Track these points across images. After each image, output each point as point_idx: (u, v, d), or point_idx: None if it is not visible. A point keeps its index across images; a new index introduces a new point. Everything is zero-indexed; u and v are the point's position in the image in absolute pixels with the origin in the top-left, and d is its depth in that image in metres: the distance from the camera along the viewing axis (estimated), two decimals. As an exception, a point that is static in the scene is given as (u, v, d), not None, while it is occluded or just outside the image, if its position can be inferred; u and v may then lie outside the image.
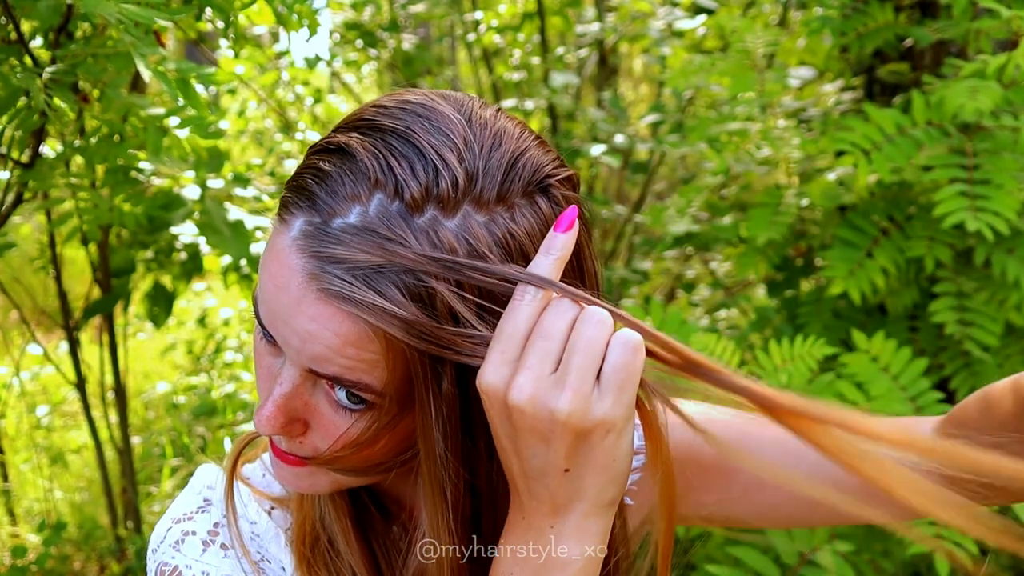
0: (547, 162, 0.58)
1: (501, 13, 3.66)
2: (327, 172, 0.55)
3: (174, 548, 0.69)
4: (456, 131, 0.56)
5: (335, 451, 0.60)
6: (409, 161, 0.54)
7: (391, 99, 0.59)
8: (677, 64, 2.82)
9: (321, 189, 0.54)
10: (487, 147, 0.56)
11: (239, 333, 3.91)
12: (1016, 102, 1.48)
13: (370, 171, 0.54)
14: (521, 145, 0.57)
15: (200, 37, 2.06)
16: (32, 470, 3.13)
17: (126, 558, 2.41)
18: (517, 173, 0.56)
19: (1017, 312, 1.52)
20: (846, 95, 2.15)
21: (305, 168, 0.57)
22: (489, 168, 0.55)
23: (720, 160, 1.91)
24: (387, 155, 0.54)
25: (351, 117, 0.59)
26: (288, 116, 3.50)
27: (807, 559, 1.29)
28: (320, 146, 0.58)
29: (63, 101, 1.23)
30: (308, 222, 0.54)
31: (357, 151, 0.55)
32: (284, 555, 0.71)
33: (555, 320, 0.53)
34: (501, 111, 0.61)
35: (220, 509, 0.72)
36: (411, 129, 0.55)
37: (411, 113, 0.56)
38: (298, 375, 0.58)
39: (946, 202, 1.40)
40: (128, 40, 0.99)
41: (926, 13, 1.83)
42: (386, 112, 0.57)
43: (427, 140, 0.54)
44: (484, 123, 0.57)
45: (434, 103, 0.57)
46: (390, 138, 0.55)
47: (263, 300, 0.57)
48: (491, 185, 0.55)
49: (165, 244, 1.92)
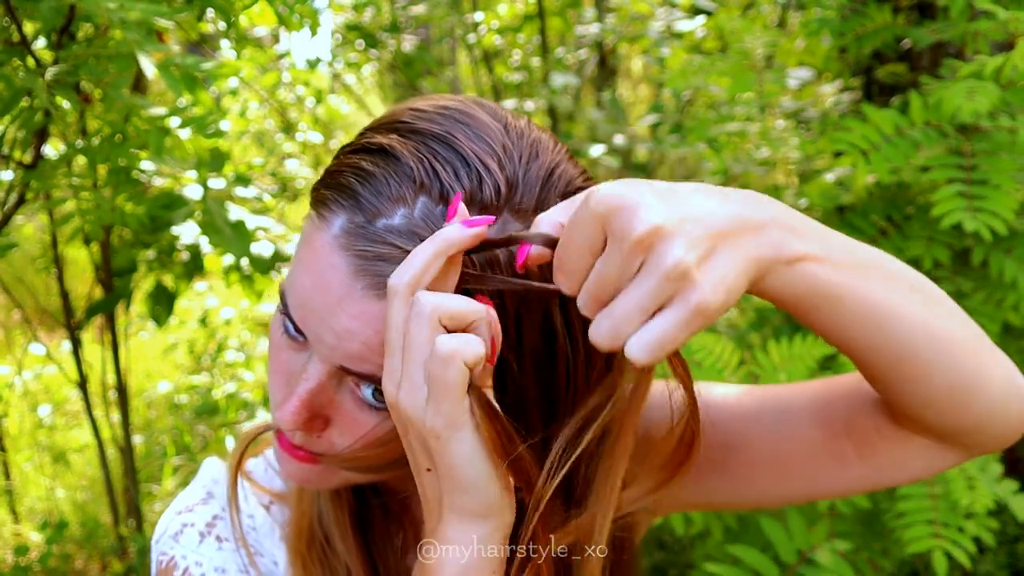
0: (577, 175, 0.59)
1: (501, 14, 3.67)
2: (371, 172, 0.55)
3: (173, 539, 0.70)
4: (495, 139, 0.56)
5: (355, 449, 0.60)
6: (453, 166, 0.54)
7: (427, 103, 0.59)
8: (676, 65, 2.83)
9: (365, 189, 0.55)
10: (525, 157, 0.57)
11: (240, 333, 3.92)
12: (1013, 103, 1.49)
13: (415, 174, 0.54)
14: (555, 158, 0.58)
15: (201, 38, 2.06)
16: (34, 469, 3.14)
17: (128, 557, 2.42)
18: (553, 184, 0.57)
19: (1014, 312, 1.53)
20: (844, 96, 2.15)
21: (345, 166, 0.57)
22: (528, 178, 0.56)
23: (719, 160, 1.92)
24: (431, 159, 0.54)
25: (387, 119, 0.59)
26: (289, 117, 3.51)
27: (806, 557, 1.29)
28: (359, 145, 0.58)
29: (66, 101, 1.24)
30: (350, 220, 0.55)
31: (401, 153, 0.55)
32: (277, 550, 0.72)
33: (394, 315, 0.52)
34: (530, 121, 0.62)
35: (220, 502, 0.73)
36: (453, 134, 0.56)
37: (451, 119, 0.57)
38: (325, 372, 0.58)
39: (944, 202, 1.41)
40: (132, 38, 1.00)
41: (924, 14, 1.84)
42: (425, 116, 0.57)
43: (469, 147, 0.55)
44: (520, 133, 0.58)
45: (472, 109, 0.58)
46: (433, 142, 0.55)
47: (297, 295, 0.57)
48: (530, 195, 0.56)
49: (167, 244, 1.93)
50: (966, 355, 0.59)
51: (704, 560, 1.51)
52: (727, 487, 0.75)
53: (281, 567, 0.72)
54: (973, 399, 0.60)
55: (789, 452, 0.71)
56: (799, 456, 0.71)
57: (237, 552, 0.70)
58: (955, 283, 1.57)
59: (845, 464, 0.70)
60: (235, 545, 0.70)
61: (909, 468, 0.69)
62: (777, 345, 1.43)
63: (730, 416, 0.73)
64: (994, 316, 1.52)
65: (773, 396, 0.73)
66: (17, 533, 2.70)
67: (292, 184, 3.09)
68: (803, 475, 0.71)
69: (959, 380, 0.59)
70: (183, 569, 0.68)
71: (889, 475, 0.69)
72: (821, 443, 0.70)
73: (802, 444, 0.71)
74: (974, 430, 0.63)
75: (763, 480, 0.73)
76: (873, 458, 0.69)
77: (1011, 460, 2.01)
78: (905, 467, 0.69)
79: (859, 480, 0.70)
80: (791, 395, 0.73)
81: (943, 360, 0.58)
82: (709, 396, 0.75)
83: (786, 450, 0.71)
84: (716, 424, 0.73)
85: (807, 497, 0.74)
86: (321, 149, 3.44)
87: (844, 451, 0.70)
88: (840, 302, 0.53)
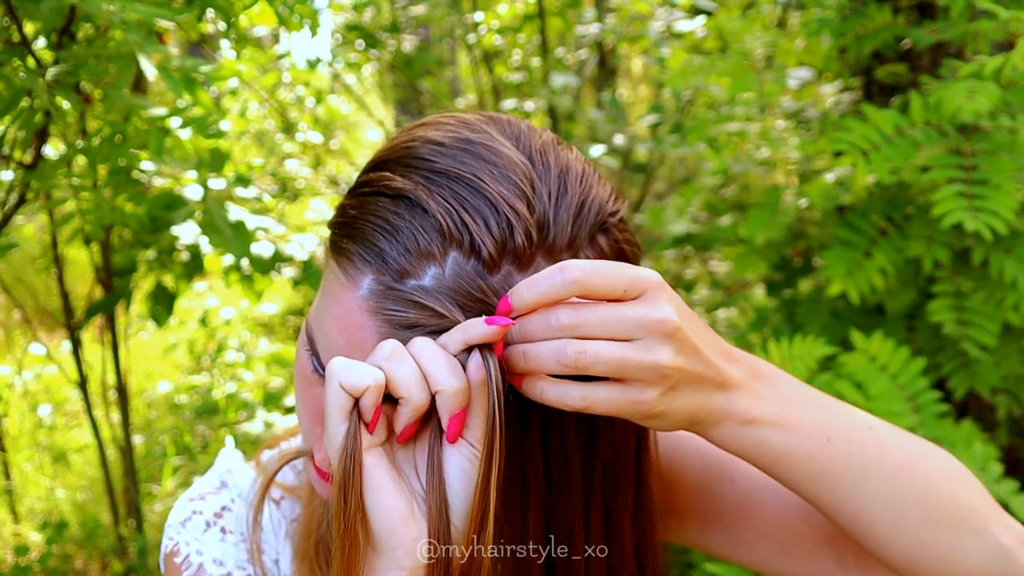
0: (606, 199, 0.59)
1: (501, 14, 3.67)
2: (395, 226, 0.53)
3: (181, 525, 0.72)
4: (523, 176, 0.55)
5: None
6: (483, 216, 0.53)
7: (444, 133, 0.57)
8: (676, 65, 2.83)
9: (391, 246, 0.53)
10: (555, 193, 0.55)
11: (240, 333, 3.92)
12: (1014, 103, 1.49)
13: (443, 227, 0.52)
14: (585, 187, 0.57)
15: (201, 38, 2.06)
16: (34, 469, 3.14)
17: (128, 557, 2.42)
18: (584, 219, 0.56)
19: (1015, 312, 1.53)
20: (845, 96, 2.15)
21: (366, 214, 0.55)
22: (560, 217, 0.55)
23: (719, 161, 1.92)
24: (459, 209, 0.53)
25: (402, 151, 0.57)
26: (289, 117, 3.51)
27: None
28: (377, 188, 0.56)
29: (66, 102, 1.24)
30: (378, 281, 0.53)
31: (427, 204, 0.53)
32: (281, 547, 0.73)
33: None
34: (555, 139, 0.60)
35: (232, 492, 0.74)
36: (479, 177, 0.54)
37: (475, 156, 0.55)
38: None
39: (944, 202, 1.41)
40: (133, 40, 1.00)
41: (924, 14, 1.83)
42: (447, 153, 0.55)
43: (496, 191, 0.53)
44: (547, 163, 0.57)
45: (494, 141, 0.56)
46: (458, 187, 0.54)
47: (328, 348, 0.57)
48: (561, 235, 0.55)
49: (167, 244, 1.93)
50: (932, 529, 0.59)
51: (704, 560, 1.51)
52: (728, 543, 0.75)
53: (282, 565, 0.72)
54: (933, 569, 0.60)
55: (797, 533, 0.71)
56: (805, 541, 0.71)
57: (238, 546, 0.71)
58: (955, 283, 1.57)
59: (843, 567, 0.70)
60: (238, 538, 0.71)
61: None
62: (777, 345, 1.43)
63: (752, 480, 0.73)
64: (994, 316, 1.52)
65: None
66: (17, 533, 2.70)
67: (292, 184, 3.09)
68: (802, 561, 0.72)
69: (916, 552, 0.59)
70: (184, 556, 0.70)
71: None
72: (829, 537, 0.70)
73: (811, 530, 0.71)
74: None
75: (764, 549, 0.73)
76: (869, 574, 0.69)
77: (1011, 460, 2.01)
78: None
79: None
80: None
81: (900, 531, 0.59)
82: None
83: (794, 531, 0.71)
84: (736, 482, 0.74)
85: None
86: (321, 149, 3.44)
87: (847, 555, 0.70)
88: (790, 463, 0.57)
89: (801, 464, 0.57)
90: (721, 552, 0.76)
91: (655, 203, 3.39)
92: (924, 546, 0.59)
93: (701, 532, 0.76)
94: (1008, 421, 2.19)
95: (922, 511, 0.59)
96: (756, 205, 1.81)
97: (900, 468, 0.59)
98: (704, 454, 0.75)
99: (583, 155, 0.62)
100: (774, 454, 0.56)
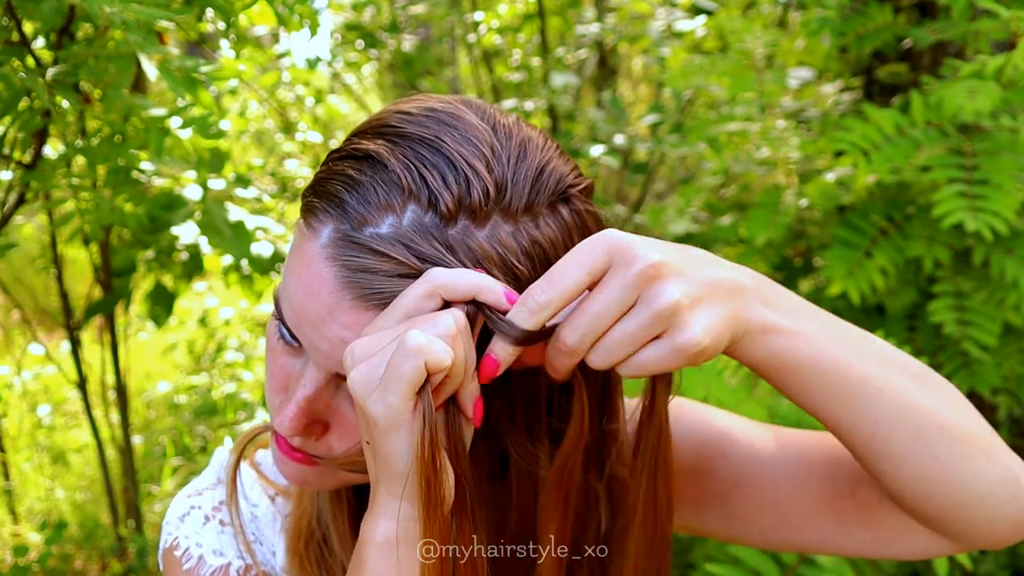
0: (568, 172, 0.59)
1: (501, 14, 3.67)
2: (358, 180, 0.55)
3: (179, 520, 0.73)
4: (483, 140, 0.56)
5: (353, 453, 0.60)
6: (441, 172, 0.54)
7: (414, 105, 0.59)
8: (677, 65, 2.83)
9: (352, 197, 0.54)
10: (514, 158, 0.56)
11: (240, 333, 3.92)
12: (1014, 103, 1.49)
13: (402, 181, 0.54)
14: (545, 156, 0.58)
15: (201, 38, 2.06)
16: (34, 469, 3.14)
17: (127, 557, 2.41)
18: (543, 184, 0.57)
19: (1015, 312, 1.53)
20: (845, 96, 2.15)
21: (333, 174, 0.57)
22: (517, 179, 0.56)
23: (719, 160, 1.92)
24: (419, 165, 0.54)
25: (374, 123, 0.59)
26: (289, 117, 3.51)
27: (806, 558, 1.29)
28: (346, 152, 0.58)
29: (66, 101, 1.23)
30: (337, 229, 0.55)
31: (388, 160, 0.55)
32: (277, 540, 0.74)
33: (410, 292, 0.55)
34: (520, 119, 0.61)
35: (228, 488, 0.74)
36: (440, 138, 0.55)
37: (438, 121, 0.57)
38: (322, 378, 0.58)
39: (945, 202, 1.41)
40: (133, 40, 1.00)
41: (925, 14, 1.83)
42: (412, 120, 0.57)
43: (456, 150, 0.55)
44: (509, 132, 0.58)
45: (459, 111, 0.58)
46: (420, 147, 0.55)
47: (289, 304, 0.57)
48: (519, 196, 0.56)
49: (166, 244, 1.93)
50: (948, 445, 0.58)
51: (704, 560, 1.51)
52: (725, 521, 0.75)
53: (279, 557, 0.73)
54: (949, 492, 0.59)
55: (794, 501, 0.71)
56: (803, 507, 0.71)
57: (237, 537, 0.71)
58: (955, 283, 1.57)
59: (846, 526, 0.69)
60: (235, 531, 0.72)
61: (907, 544, 0.68)
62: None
63: (745, 454, 0.73)
64: (995, 316, 1.52)
65: (790, 444, 0.73)
66: (16, 533, 2.70)
67: (292, 184, 3.08)
68: (802, 527, 0.71)
69: (932, 470, 0.58)
70: (184, 549, 0.70)
71: (887, 547, 0.69)
72: (827, 499, 0.70)
73: (808, 496, 0.70)
74: (955, 524, 0.62)
75: (761, 522, 0.73)
76: (874, 527, 0.69)
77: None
78: (903, 543, 0.68)
79: (857, 544, 0.70)
80: (808, 445, 0.73)
81: (917, 446, 0.58)
82: (729, 431, 0.75)
83: (791, 498, 0.71)
84: (728, 458, 0.73)
85: (802, 548, 0.73)
86: (321, 149, 3.44)
87: (847, 513, 0.69)
88: (807, 373, 0.56)
89: (824, 374, 0.56)
90: (719, 532, 0.76)
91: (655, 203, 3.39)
92: (940, 465, 0.58)
93: (697, 514, 0.76)
94: (1009, 421, 2.19)
95: (936, 425, 0.58)
96: (756, 205, 1.81)
97: (916, 377, 0.59)
98: (695, 432, 0.75)
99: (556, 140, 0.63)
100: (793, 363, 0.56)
